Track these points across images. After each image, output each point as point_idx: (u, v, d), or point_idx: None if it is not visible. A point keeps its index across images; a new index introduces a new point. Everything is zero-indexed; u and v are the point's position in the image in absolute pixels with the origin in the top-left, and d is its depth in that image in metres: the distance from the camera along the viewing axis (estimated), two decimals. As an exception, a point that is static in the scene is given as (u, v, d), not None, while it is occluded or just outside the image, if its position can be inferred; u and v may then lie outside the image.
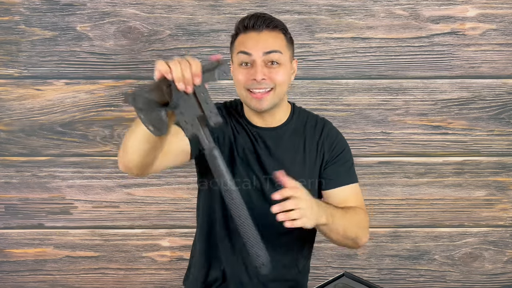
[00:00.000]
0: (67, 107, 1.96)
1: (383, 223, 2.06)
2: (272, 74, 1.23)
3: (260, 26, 1.24)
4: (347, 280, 1.33)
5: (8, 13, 1.89)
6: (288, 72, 1.28)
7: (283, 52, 1.25)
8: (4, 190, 2.03)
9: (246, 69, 1.24)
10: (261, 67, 1.22)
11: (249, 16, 1.26)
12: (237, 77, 1.25)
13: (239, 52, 1.24)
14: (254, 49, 1.22)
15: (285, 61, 1.26)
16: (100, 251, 2.09)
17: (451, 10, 1.89)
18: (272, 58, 1.23)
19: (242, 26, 1.26)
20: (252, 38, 1.24)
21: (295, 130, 1.36)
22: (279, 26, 1.28)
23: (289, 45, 1.30)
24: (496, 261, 2.10)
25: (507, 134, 1.98)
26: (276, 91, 1.25)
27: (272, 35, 1.25)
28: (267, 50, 1.22)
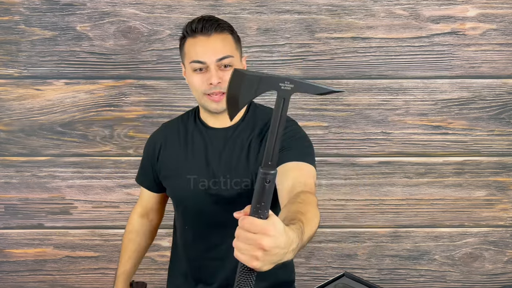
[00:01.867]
0: (67, 107, 1.96)
1: (383, 223, 2.06)
2: (226, 76, 1.26)
3: (209, 29, 1.27)
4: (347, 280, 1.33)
5: (8, 13, 1.89)
6: None
7: (234, 55, 1.29)
8: (4, 190, 2.03)
9: (200, 74, 1.28)
10: (215, 71, 1.26)
11: (197, 20, 1.29)
12: (193, 83, 1.30)
13: (192, 61, 1.28)
14: (206, 57, 1.26)
15: (236, 62, 1.30)
16: (100, 251, 2.08)
17: (451, 10, 1.89)
18: (225, 63, 1.27)
19: (190, 30, 1.28)
20: (202, 43, 1.27)
21: (245, 127, 1.36)
22: (226, 27, 1.31)
23: (238, 44, 1.33)
24: (496, 261, 2.10)
25: (507, 134, 1.98)
26: None
27: (221, 38, 1.28)
28: (219, 56, 1.26)
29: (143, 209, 1.58)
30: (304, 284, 2.08)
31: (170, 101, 1.95)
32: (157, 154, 1.44)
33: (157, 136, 1.47)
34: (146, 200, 1.56)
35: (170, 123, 1.49)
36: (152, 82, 1.94)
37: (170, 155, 1.41)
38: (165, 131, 1.46)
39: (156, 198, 1.55)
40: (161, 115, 1.96)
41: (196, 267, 1.43)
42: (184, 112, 1.49)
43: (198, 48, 1.27)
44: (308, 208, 1.05)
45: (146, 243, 1.60)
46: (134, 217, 1.59)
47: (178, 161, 1.40)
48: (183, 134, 1.41)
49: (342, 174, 1.99)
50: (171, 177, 1.41)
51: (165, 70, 1.93)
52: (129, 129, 1.98)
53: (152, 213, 1.58)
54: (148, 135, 1.96)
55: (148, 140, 1.50)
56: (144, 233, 1.58)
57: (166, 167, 1.42)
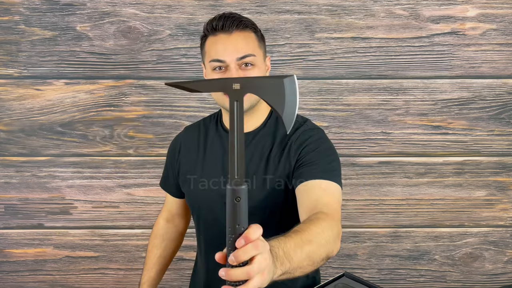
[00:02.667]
0: (67, 107, 1.96)
1: (383, 223, 2.06)
2: None
3: (230, 27, 1.20)
4: (347, 280, 1.33)
5: (8, 13, 1.89)
6: (263, 72, 1.25)
7: (256, 54, 1.22)
8: (4, 190, 2.03)
9: (220, 73, 1.21)
10: (236, 71, 1.19)
11: (218, 17, 1.23)
12: None
13: (212, 60, 1.21)
14: (226, 55, 1.19)
15: (258, 62, 1.23)
16: (100, 251, 2.08)
17: (451, 10, 1.89)
18: (246, 62, 1.21)
19: (210, 27, 1.23)
20: (223, 41, 1.21)
21: (265, 134, 1.29)
22: (249, 25, 1.24)
23: (261, 43, 1.27)
24: (497, 261, 2.10)
25: (507, 134, 1.98)
26: None
27: (243, 36, 1.22)
28: (240, 55, 1.19)
29: (168, 213, 1.55)
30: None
31: (170, 101, 1.95)
32: (176, 158, 1.42)
33: (178, 140, 1.44)
34: (170, 205, 1.54)
35: (192, 126, 1.45)
36: (152, 82, 1.94)
37: (187, 159, 1.38)
38: (186, 135, 1.43)
39: (179, 203, 1.52)
40: (161, 115, 1.96)
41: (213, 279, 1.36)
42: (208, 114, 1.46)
43: (218, 46, 1.20)
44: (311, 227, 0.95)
45: (172, 249, 1.56)
46: (159, 221, 1.56)
47: (195, 165, 1.35)
48: (203, 138, 1.37)
49: (342, 174, 1.98)
50: (186, 181, 1.37)
51: (165, 70, 1.93)
52: (129, 129, 1.98)
53: (178, 218, 1.55)
54: (148, 135, 1.98)
55: (170, 144, 1.47)
56: (169, 239, 1.55)
57: (183, 171, 1.39)
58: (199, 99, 1.95)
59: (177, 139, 1.45)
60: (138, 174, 2.01)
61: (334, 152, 1.26)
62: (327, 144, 1.26)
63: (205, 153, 1.34)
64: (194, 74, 1.92)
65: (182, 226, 1.58)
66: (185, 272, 2.08)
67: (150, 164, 2.00)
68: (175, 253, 1.59)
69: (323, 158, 1.21)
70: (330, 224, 1.00)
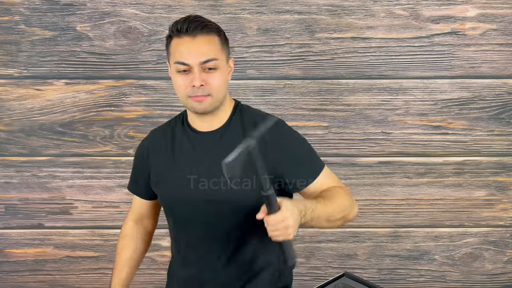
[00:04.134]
0: (67, 107, 1.96)
1: (383, 223, 2.06)
2: (209, 79, 1.25)
3: (194, 30, 1.24)
4: (347, 280, 1.33)
5: (8, 13, 1.89)
6: (225, 74, 1.30)
7: (218, 57, 1.26)
8: (4, 190, 2.03)
9: (184, 75, 1.25)
10: (199, 74, 1.24)
11: (183, 20, 1.26)
12: (177, 83, 1.28)
13: (176, 62, 1.25)
14: (190, 58, 1.23)
15: (221, 65, 1.27)
16: (100, 251, 2.09)
17: (451, 10, 1.89)
18: (209, 66, 1.25)
19: (175, 29, 1.26)
20: (187, 44, 1.24)
21: (233, 130, 1.34)
22: (213, 28, 1.28)
23: (224, 46, 1.30)
24: (496, 261, 2.10)
25: (507, 134, 1.98)
26: (214, 96, 1.27)
27: (207, 40, 1.25)
28: (203, 59, 1.23)
29: (137, 215, 1.55)
30: (304, 284, 2.08)
31: (170, 101, 1.95)
32: (145, 161, 1.42)
33: (146, 143, 1.45)
34: (139, 207, 1.53)
35: (158, 129, 1.47)
36: (152, 82, 1.94)
37: (158, 161, 1.39)
38: (153, 138, 1.44)
39: (148, 205, 1.52)
40: (161, 115, 1.96)
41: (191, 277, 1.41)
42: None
43: (182, 49, 1.24)
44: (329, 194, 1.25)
45: (141, 249, 1.56)
46: (128, 223, 1.56)
47: (166, 166, 1.37)
48: (171, 140, 1.39)
49: (342, 174, 1.99)
50: (159, 183, 1.39)
51: (165, 70, 1.93)
52: (129, 129, 1.98)
53: (146, 219, 1.56)
54: (148, 135, 1.98)
55: (138, 148, 1.49)
56: (138, 238, 1.55)
57: (155, 174, 1.40)
58: (199, 99, 1.95)
59: (144, 144, 1.46)
60: (138, 174, 2.01)
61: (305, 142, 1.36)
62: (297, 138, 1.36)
63: (174, 153, 1.36)
64: (194, 74, 1.92)
65: (150, 227, 1.58)
66: (185, 272, 2.09)
67: (150, 164, 2.00)
68: (144, 254, 1.58)
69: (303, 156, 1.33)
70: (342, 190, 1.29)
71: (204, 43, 1.24)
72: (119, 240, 1.55)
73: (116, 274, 1.52)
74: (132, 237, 1.54)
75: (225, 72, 1.29)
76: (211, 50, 1.25)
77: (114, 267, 1.53)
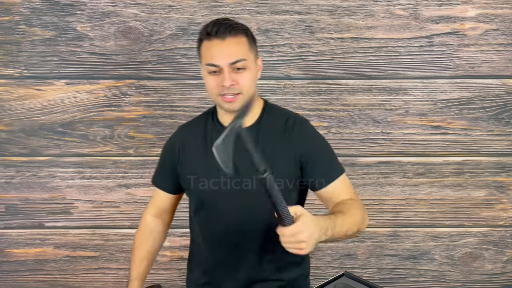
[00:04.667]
0: (67, 107, 1.96)
1: (383, 223, 2.06)
2: (239, 79, 1.31)
3: (223, 33, 1.30)
4: (347, 280, 1.33)
5: (8, 13, 1.89)
6: (254, 73, 1.36)
7: (247, 58, 1.32)
8: (5, 190, 2.03)
9: (215, 76, 1.32)
10: (229, 74, 1.30)
11: (212, 23, 1.33)
12: (208, 84, 1.35)
13: (207, 64, 1.32)
14: (220, 60, 1.30)
15: (250, 65, 1.33)
16: (100, 251, 2.09)
17: (451, 10, 1.90)
18: (238, 66, 1.31)
19: (205, 32, 1.33)
20: (217, 47, 1.31)
21: (265, 128, 1.40)
22: (241, 30, 1.34)
23: (252, 46, 1.36)
24: (496, 261, 2.11)
25: (507, 134, 1.99)
26: (244, 94, 1.34)
27: (235, 42, 1.32)
28: (233, 60, 1.30)
29: (157, 209, 1.58)
30: (304, 283, 2.08)
31: (170, 101, 1.96)
32: (177, 156, 1.47)
33: (176, 138, 1.50)
34: (161, 202, 1.57)
35: (187, 124, 1.52)
36: (153, 82, 1.94)
37: (190, 155, 1.44)
38: (184, 132, 1.49)
39: (172, 200, 1.56)
40: (161, 115, 1.97)
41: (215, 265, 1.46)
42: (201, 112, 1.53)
43: (212, 51, 1.31)
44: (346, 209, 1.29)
45: (159, 244, 1.60)
46: (147, 217, 1.59)
47: (199, 160, 1.42)
48: (203, 134, 1.44)
49: (342, 174, 2.00)
50: (192, 176, 1.43)
51: (166, 70, 1.93)
52: (130, 129, 1.98)
53: (165, 214, 1.59)
54: (149, 135, 1.98)
55: (166, 143, 1.53)
56: (158, 233, 1.58)
57: (188, 169, 1.44)
58: (199, 99, 1.95)
59: (175, 138, 1.51)
60: (139, 174, 2.01)
61: (327, 144, 1.43)
62: (321, 138, 1.43)
63: (207, 147, 1.41)
64: (194, 74, 1.92)
65: (168, 222, 1.62)
66: (185, 272, 2.09)
67: (150, 164, 2.00)
68: (160, 248, 1.62)
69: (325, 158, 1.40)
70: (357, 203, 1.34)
71: (232, 44, 1.31)
72: (138, 233, 1.59)
73: (135, 268, 1.53)
74: (151, 231, 1.57)
75: (253, 71, 1.36)
76: (240, 51, 1.31)
77: (132, 260, 1.54)
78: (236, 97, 1.32)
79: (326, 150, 1.42)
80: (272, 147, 1.37)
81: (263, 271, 1.43)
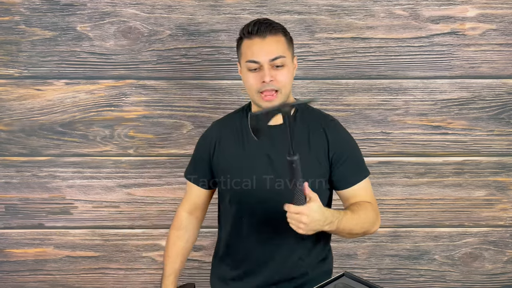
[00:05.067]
0: (67, 107, 1.96)
1: (383, 223, 2.04)
2: (278, 76, 1.36)
3: (264, 32, 1.36)
4: (347, 280, 1.33)
5: (8, 13, 1.89)
6: (291, 71, 1.42)
7: (285, 55, 1.38)
8: (4, 190, 2.03)
9: (255, 73, 1.38)
10: (269, 70, 1.36)
11: (253, 22, 1.38)
12: (248, 81, 1.40)
13: (248, 61, 1.38)
14: (261, 57, 1.36)
15: (288, 62, 1.39)
16: (100, 251, 2.09)
17: (451, 10, 1.90)
18: (277, 63, 1.36)
19: (246, 31, 1.39)
20: (258, 44, 1.37)
21: (299, 126, 1.45)
22: (280, 29, 1.40)
23: (290, 45, 1.42)
24: (496, 261, 2.11)
25: (507, 134, 1.99)
26: (282, 92, 1.39)
27: (275, 40, 1.38)
28: (273, 57, 1.36)
29: (192, 205, 1.61)
30: (304, 284, 2.08)
31: (170, 101, 1.95)
32: (212, 151, 1.51)
33: (211, 134, 1.54)
34: (196, 197, 1.60)
35: (221, 120, 1.58)
36: (152, 82, 1.94)
37: (227, 151, 1.49)
38: (219, 128, 1.54)
39: (205, 195, 1.59)
40: (161, 115, 1.96)
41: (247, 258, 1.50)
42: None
43: (254, 49, 1.37)
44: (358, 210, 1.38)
45: (193, 240, 1.63)
46: (182, 214, 1.61)
47: (236, 156, 1.47)
48: (240, 130, 1.49)
49: (342, 174, 2.00)
50: (230, 172, 1.47)
51: (165, 70, 1.93)
52: (130, 129, 1.98)
53: (199, 211, 1.62)
54: (149, 135, 1.98)
55: (201, 139, 1.57)
56: (192, 230, 1.61)
57: (224, 163, 1.49)
58: (199, 99, 1.95)
59: (210, 134, 1.55)
60: (139, 174, 2.01)
61: (356, 145, 1.50)
62: (352, 139, 1.50)
63: (244, 143, 1.47)
64: (194, 74, 1.92)
65: (201, 218, 1.64)
66: (185, 271, 2.09)
67: (150, 164, 2.00)
68: (193, 245, 1.65)
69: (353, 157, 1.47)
70: (372, 207, 1.43)
71: (272, 42, 1.37)
72: (172, 230, 1.61)
73: (171, 265, 1.56)
74: (186, 228, 1.60)
75: (291, 69, 1.42)
76: (279, 48, 1.37)
77: (167, 256, 1.57)
78: (274, 95, 1.37)
79: (356, 152, 1.48)
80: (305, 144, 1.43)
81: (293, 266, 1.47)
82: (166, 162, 2.00)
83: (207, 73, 1.93)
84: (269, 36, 1.37)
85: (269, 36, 1.37)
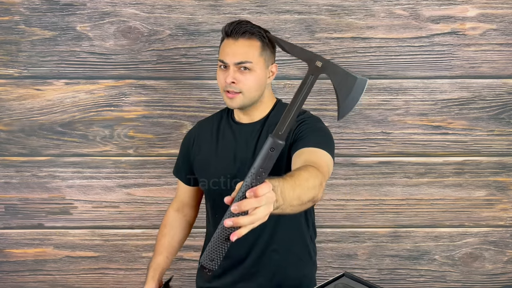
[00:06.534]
0: (67, 107, 1.96)
1: (383, 223, 2.06)
2: (242, 78, 1.38)
3: (237, 34, 1.38)
4: (347, 280, 1.33)
5: (8, 13, 1.89)
6: (259, 76, 1.40)
7: (253, 61, 1.38)
8: (4, 190, 2.03)
9: (223, 71, 1.41)
10: (233, 72, 1.38)
11: (232, 23, 1.40)
12: (218, 77, 1.44)
13: (219, 59, 1.42)
14: (228, 58, 1.39)
15: (256, 68, 1.39)
16: (100, 251, 2.08)
17: (451, 10, 1.89)
18: (243, 66, 1.38)
19: (224, 31, 1.41)
20: (229, 46, 1.39)
21: (271, 123, 1.46)
22: (257, 34, 1.39)
23: (265, 51, 1.41)
24: (497, 261, 2.10)
25: (507, 134, 1.98)
26: (245, 95, 1.40)
27: (247, 44, 1.38)
28: (238, 61, 1.38)
29: (179, 203, 1.66)
30: (304, 284, 2.08)
31: (170, 101, 1.95)
32: (191, 149, 1.57)
33: (193, 132, 1.61)
34: (182, 194, 1.65)
35: (204, 120, 1.62)
36: (152, 82, 1.94)
37: (202, 149, 1.54)
38: (200, 127, 1.60)
39: (191, 192, 1.64)
40: (161, 115, 1.96)
41: None
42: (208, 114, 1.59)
43: (225, 49, 1.40)
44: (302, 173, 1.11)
45: (180, 237, 1.65)
46: (169, 211, 1.67)
47: (210, 153, 1.51)
48: (216, 130, 1.53)
49: (342, 174, 2.00)
50: (203, 169, 1.52)
51: (165, 70, 1.93)
52: (129, 129, 1.98)
53: (187, 208, 1.67)
54: (148, 135, 1.98)
55: (185, 137, 1.64)
56: (177, 227, 1.64)
57: (200, 160, 1.53)
58: (199, 99, 1.95)
59: (191, 132, 1.62)
60: (138, 174, 2.01)
61: (329, 133, 1.42)
62: (321, 125, 1.44)
63: (218, 141, 1.51)
64: (194, 74, 1.92)
65: (190, 216, 1.68)
66: (185, 272, 2.09)
67: (150, 164, 2.00)
68: (183, 242, 1.67)
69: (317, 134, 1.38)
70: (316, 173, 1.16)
71: (243, 46, 1.38)
72: (160, 227, 1.66)
73: (154, 259, 1.60)
74: (171, 225, 1.64)
75: (260, 75, 1.41)
76: (249, 53, 1.38)
77: (154, 252, 1.62)
78: (236, 95, 1.39)
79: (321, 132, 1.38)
80: None
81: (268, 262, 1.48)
82: (166, 162, 2.00)
83: (207, 73, 1.93)
84: (241, 39, 1.38)
85: (241, 39, 1.38)
